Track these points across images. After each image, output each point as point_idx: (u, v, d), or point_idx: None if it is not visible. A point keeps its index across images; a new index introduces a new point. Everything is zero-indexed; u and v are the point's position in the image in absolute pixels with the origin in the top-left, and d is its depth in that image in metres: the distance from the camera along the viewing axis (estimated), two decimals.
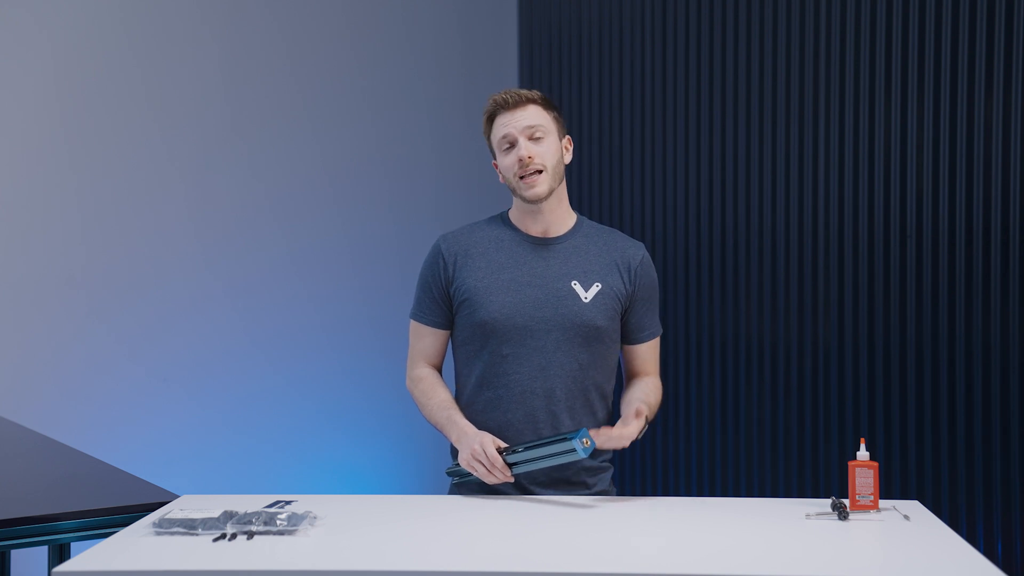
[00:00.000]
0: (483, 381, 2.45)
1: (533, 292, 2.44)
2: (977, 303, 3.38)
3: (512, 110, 2.45)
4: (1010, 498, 3.30)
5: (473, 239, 2.51)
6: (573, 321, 2.42)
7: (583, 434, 2.22)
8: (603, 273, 2.47)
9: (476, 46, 5.08)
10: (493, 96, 2.47)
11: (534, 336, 2.42)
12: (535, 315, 2.42)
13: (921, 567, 1.90)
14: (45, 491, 2.72)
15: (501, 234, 2.51)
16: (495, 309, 2.42)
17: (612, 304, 2.46)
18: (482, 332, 2.44)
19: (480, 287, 2.45)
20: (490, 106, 2.47)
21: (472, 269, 2.47)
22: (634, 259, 2.51)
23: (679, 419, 4.25)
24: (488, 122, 2.49)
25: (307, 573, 1.85)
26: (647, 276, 2.52)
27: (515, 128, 2.43)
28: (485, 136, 2.51)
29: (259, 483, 4.39)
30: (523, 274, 2.45)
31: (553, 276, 2.45)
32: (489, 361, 2.44)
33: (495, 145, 2.48)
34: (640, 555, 1.95)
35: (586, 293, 2.44)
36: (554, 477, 2.43)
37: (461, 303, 2.47)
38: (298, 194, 4.64)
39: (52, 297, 4.08)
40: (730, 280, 4.08)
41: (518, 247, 2.48)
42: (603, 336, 2.45)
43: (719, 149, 4.15)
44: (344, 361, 4.70)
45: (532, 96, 2.46)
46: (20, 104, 4.04)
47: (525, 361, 2.42)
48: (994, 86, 3.33)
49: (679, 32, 4.30)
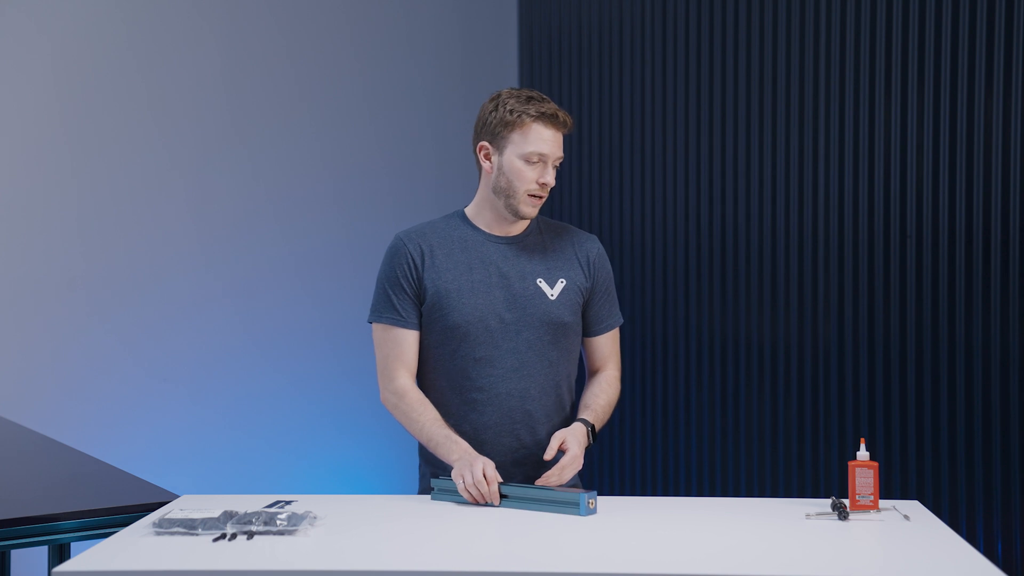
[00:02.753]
0: (456, 384, 2.44)
1: (500, 293, 2.43)
2: (977, 303, 3.38)
3: (556, 130, 2.40)
4: (1010, 498, 3.29)
5: (436, 238, 2.47)
6: (542, 319, 2.43)
7: (592, 496, 2.20)
8: (566, 268, 2.49)
9: (476, 46, 5.08)
10: (538, 103, 2.38)
11: (506, 337, 2.42)
12: (506, 316, 2.43)
13: (921, 567, 1.90)
14: (45, 491, 2.72)
15: (464, 234, 2.47)
16: (467, 312, 2.41)
17: (575, 299, 2.48)
18: (454, 335, 2.42)
19: (451, 289, 2.42)
20: (534, 112, 2.37)
21: (440, 270, 2.44)
22: (591, 252, 2.53)
23: (679, 419, 4.25)
24: (521, 119, 2.38)
25: (307, 573, 1.85)
26: (603, 268, 2.54)
27: (552, 152, 2.39)
28: (502, 124, 2.40)
29: (259, 483, 4.39)
30: (490, 275, 2.44)
31: (518, 276, 2.45)
32: (462, 365, 2.43)
33: (517, 149, 2.39)
34: (640, 555, 1.95)
35: (552, 290, 2.46)
36: (530, 476, 2.45)
37: (431, 305, 2.44)
38: (298, 194, 4.64)
39: (52, 297, 4.08)
40: (730, 280, 4.08)
41: (482, 247, 2.46)
42: (568, 331, 2.48)
43: (719, 149, 4.15)
44: (344, 361, 4.69)
45: (571, 125, 2.42)
46: (20, 104, 4.04)
47: (499, 363, 2.42)
48: (994, 86, 3.33)
49: (679, 32, 4.30)
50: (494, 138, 2.42)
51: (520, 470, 2.46)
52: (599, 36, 4.64)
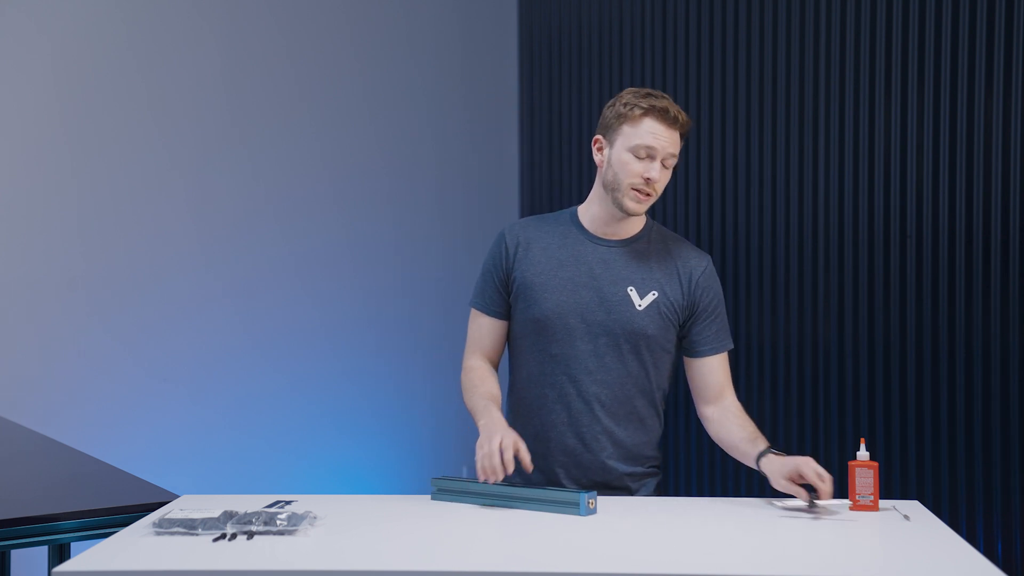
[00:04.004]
0: (531, 378, 2.44)
1: (588, 294, 2.40)
2: (977, 303, 3.38)
3: (669, 127, 2.34)
4: (1010, 498, 3.30)
5: (538, 232, 2.47)
6: (624, 327, 2.39)
7: (592, 496, 2.19)
8: (662, 281, 2.42)
9: (476, 46, 5.08)
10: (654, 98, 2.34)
11: (583, 339, 2.39)
12: (587, 317, 2.39)
13: (921, 567, 1.90)
14: (45, 491, 2.72)
15: (566, 230, 2.46)
16: (549, 307, 2.40)
17: (667, 313, 2.41)
18: (534, 328, 2.42)
19: (537, 282, 2.42)
20: (646, 104, 2.34)
21: (531, 262, 2.44)
22: (696, 269, 2.44)
23: (679, 419, 4.25)
24: (633, 112, 2.34)
25: (307, 573, 1.85)
26: (710, 288, 2.45)
27: (662, 147, 2.34)
28: (615, 116, 2.36)
29: (259, 483, 4.39)
30: (581, 274, 2.42)
31: (610, 280, 2.41)
32: (539, 359, 2.43)
33: (630, 143, 2.35)
34: (640, 555, 1.95)
35: (640, 300, 2.40)
36: (596, 481, 2.42)
37: (517, 296, 2.44)
38: (298, 194, 4.64)
39: (52, 297, 4.08)
40: (730, 280, 4.08)
41: (581, 246, 2.44)
42: (654, 345, 2.41)
43: (719, 149, 4.15)
44: (344, 361, 4.69)
45: (687, 124, 2.37)
46: (20, 104, 4.04)
47: (573, 363, 2.40)
48: (994, 86, 3.33)
49: (679, 32, 4.30)
50: (607, 131, 2.39)
51: (583, 474, 2.42)
52: (599, 36, 4.64)
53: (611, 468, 2.42)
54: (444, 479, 2.35)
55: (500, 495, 2.27)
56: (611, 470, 2.42)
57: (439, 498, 2.34)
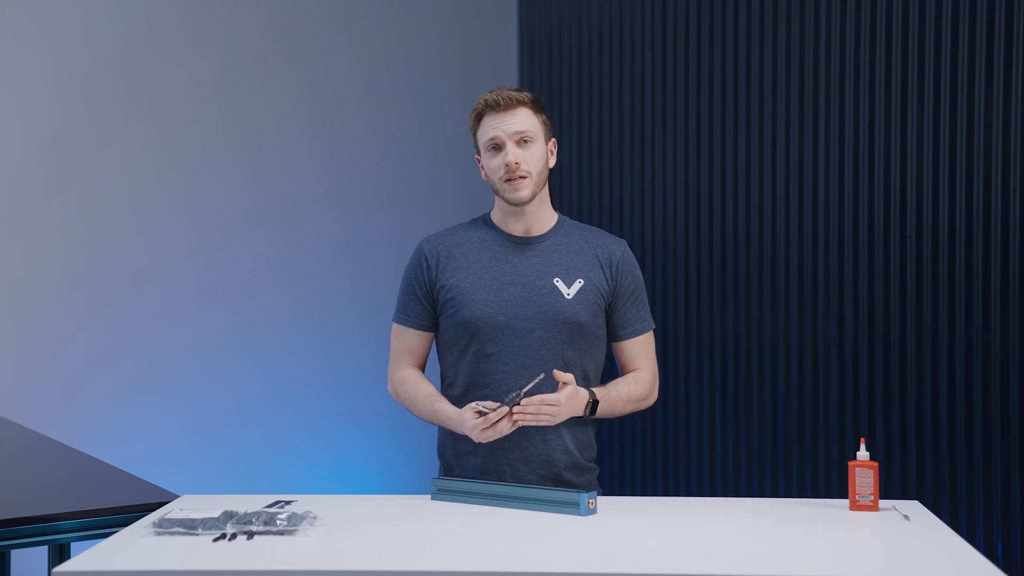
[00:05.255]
0: (469, 381, 2.46)
1: (516, 290, 2.45)
2: (977, 303, 3.38)
3: (502, 112, 2.44)
4: (1010, 498, 3.30)
5: (455, 240, 2.53)
6: (556, 318, 2.43)
7: (592, 496, 2.20)
8: (585, 269, 2.48)
9: (476, 46, 5.08)
10: (484, 95, 2.47)
11: (518, 334, 2.43)
12: (518, 313, 2.43)
13: (921, 567, 1.90)
14: (45, 491, 2.72)
15: (483, 234, 2.52)
16: (478, 308, 2.43)
17: (595, 300, 2.47)
18: (466, 331, 2.45)
19: (464, 287, 2.46)
20: (480, 105, 2.47)
21: (455, 269, 2.48)
22: (615, 254, 2.51)
23: (679, 419, 4.25)
24: (476, 120, 2.49)
25: (307, 573, 1.86)
26: (629, 272, 2.52)
27: (504, 132, 2.43)
28: (472, 132, 2.51)
29: (259, 483, 4.39)
30: (505, 273, 2.46)
31: (535, 274, 2.46)
32: (474, 361, 2.45)
33: (481, 144, 2.48)
34: (640, 555, 1.95)
35: (568, 290, 2.45)
36: (541, 475, 2.44)
37: (445, 303, 2.47)
38: (298, 194, 4.64)
39: (52, 297, 4.08)
40: (730, 280, 4.08)
41: (500, 247, 2.50)
42: (587, 332, 2.46)
43: (719, 150, 4.15)
44: (344, 361, 4.69)
45: (523, 99, 2.45)
46: (20, 104, 4.04)
47: (510, 360, 2.43)
48: (994, 86, 3.33)
49: (679, 33, 4.30)
50: (474, 143, 2.52)
51: (530, 468, 2.44)
52: (599, 36, 4.64)
53: (555, 461, 2.44)
54: (444, 479, 2.36)
55: (500, 495, 2.27)
56: (555, 463, 2.44)
57: (439, 498, 2.34)
